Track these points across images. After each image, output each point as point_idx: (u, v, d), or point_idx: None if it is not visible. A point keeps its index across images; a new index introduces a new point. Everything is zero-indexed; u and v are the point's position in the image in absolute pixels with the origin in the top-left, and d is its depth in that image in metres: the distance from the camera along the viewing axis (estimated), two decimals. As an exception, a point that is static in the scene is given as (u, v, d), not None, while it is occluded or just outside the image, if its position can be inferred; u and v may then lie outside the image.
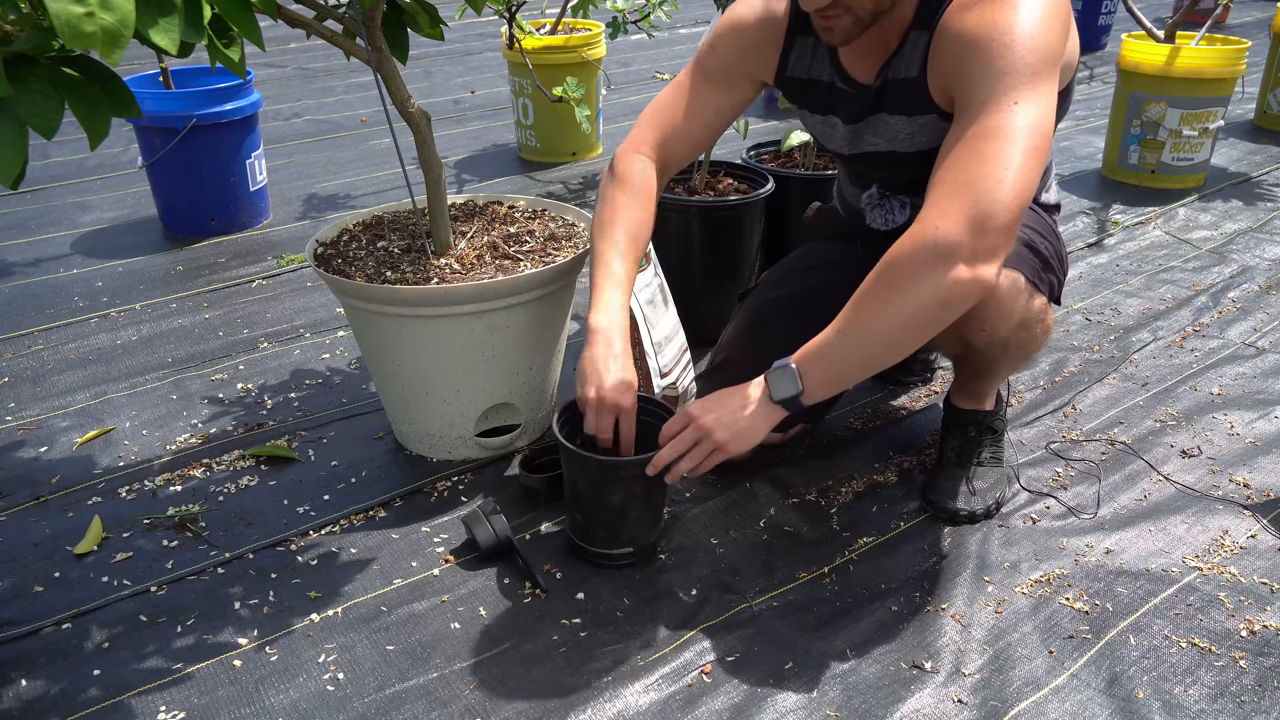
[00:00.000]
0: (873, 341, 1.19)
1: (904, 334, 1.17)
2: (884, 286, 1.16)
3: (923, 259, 1.12)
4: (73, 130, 3.66)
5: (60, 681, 1.25)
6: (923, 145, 1.38)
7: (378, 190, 3.13)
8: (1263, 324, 2.20)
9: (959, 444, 1.60)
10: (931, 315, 1.14)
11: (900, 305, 1.14)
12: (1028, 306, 1.37)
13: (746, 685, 1.25)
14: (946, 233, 1.10)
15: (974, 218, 1.10)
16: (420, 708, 1.21)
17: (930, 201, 1.14)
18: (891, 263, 1.15)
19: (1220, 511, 1.58)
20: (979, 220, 1.10)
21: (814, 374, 1.22)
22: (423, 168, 1.58)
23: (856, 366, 1.22)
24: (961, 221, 1.10)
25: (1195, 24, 4.15)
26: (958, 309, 1.14)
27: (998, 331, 1.37)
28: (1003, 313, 1.35)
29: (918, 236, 1.13)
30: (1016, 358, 1.45)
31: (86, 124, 1.10)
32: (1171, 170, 3.08)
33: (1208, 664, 1.28)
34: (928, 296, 1.12)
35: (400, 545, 1.50)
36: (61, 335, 2.16)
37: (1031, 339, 1.42)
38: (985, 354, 1.44)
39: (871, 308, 1.17)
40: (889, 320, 1.16)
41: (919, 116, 1.35)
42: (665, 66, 4.87)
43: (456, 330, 1.53)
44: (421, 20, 1.54)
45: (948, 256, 1.10)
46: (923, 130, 1.37)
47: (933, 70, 1.29)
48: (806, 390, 1.22)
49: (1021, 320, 1.37)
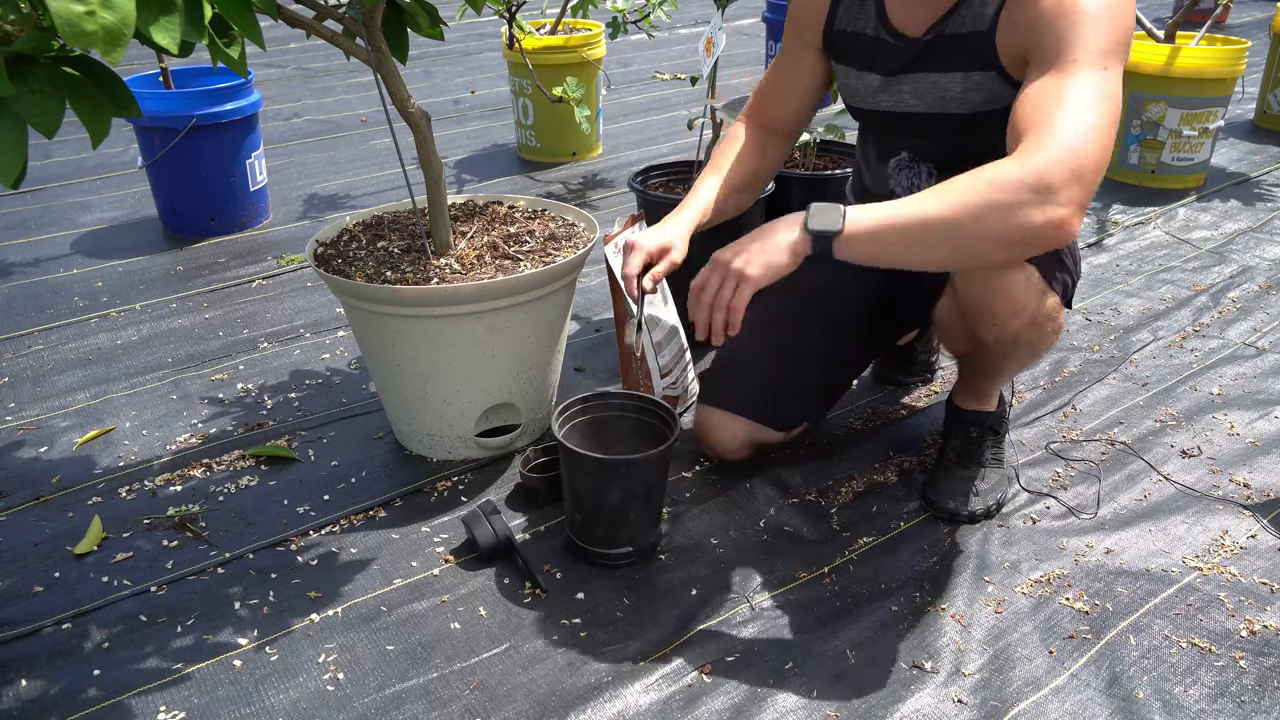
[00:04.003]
0: (935, 233, 1.15)
1: (969, 247, 1.16)
2: (976, 195, 1.13)
3: (1027, 188, 1.11)
4: (73, 130, 3.66)
5: (60, 681, 1.25)
6: (975, 105, 1.38)
7: (378, 190, 3.13)
8: (1263, 324, 2.20)
9: (960, 444, 1.60)
10: (1009, 243, 1.14)
11: (985, 219, 1.13)
12: (1040, 304, 1.36)
13: (746, 685, 1.25)
14: (1055, 174, 1.11)
15: (1076, 169, 1.11)
16: (420, 708, 1.21)
17: (1030, 141, 1.14)
18: (993, 176, 1.13)
19: (1220, 511, 1.58)
20: (1078, 171, 1.11)
21: (860, 226, 1.18)
22: (423, 168, 1.58)
23: (904, 245, 1.18)
24: (1064, 169, 1.11)
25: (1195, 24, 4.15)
26: (1033, 249, 1.15)
27: (1009, 327, 1.36)
28: (1015, 308, 1.34)
29: (1026, 165, 1.12)
30: (1025, 356, 1.45)
31: (87, 124, 1.10)
32: (1171, 170, 3.09)
33: (1208, 664, 1.28)
34: (1017, 224, 1.12)
35: (400, 545, 1.50)
36: (61, 335, 2.16)
37: (1041, 338, 1.41)
38: (994, 350, 1.43)
39: (955, 201, 1.14)
40: (966, 224, 1.14)
41: (976, 73, 1.35)
42: (665, 66, 4.87)
43: (456, 330, 1.53)
44: (421, 20, 1.54)
45: (1051, 195, 1.11)
46: (978, 88, 1.36)
47: (1005, 26, 1.29)
48: (844, 235, 1.18)
49: (1034, 318, 1.36)
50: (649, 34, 3.04)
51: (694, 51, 5.23)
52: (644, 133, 3.76)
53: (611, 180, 3.22)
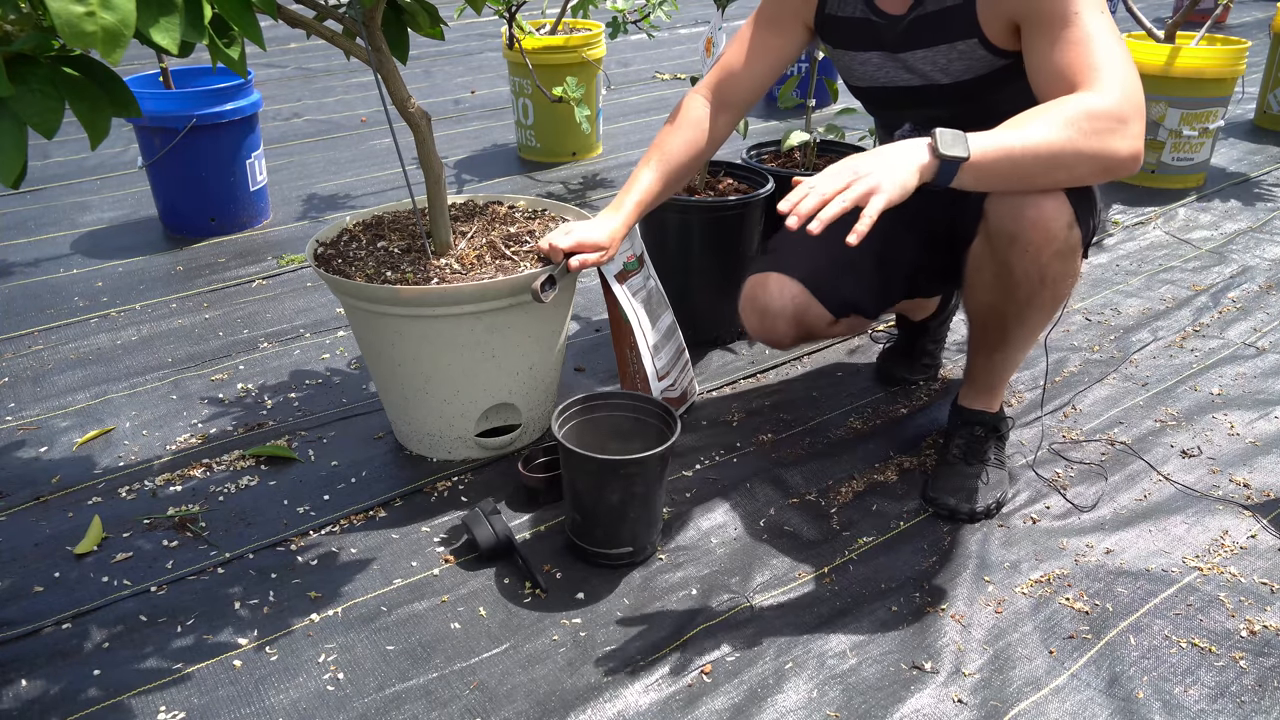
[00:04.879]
0: (1044, 162, 1.26)
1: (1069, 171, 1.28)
2: (1073, 120, 1.24)
3: (1116, 118, 1.25)
4: (73, 130, 3.66)
5: (60, 681, 1.25)
6: (960, 74, 1.46)
7: (378, 190, 3.13)
8: (1263, 324, 2.20)
9: (964, 443, 1.60)
10: (1099, 170, 1.27)
11: (1085, 149, 1.25)
12: (1069, 237, 1.38)
13: (746, 685, 1.25)
14: (1126, 108, 1.25)
15: (1137, 104, 1.26)
16: (420, 708, 1.21)
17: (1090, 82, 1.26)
18: (1083, 106, 1.25)
19: (1220, 511, 1.58)
20: (1139, 106, 1.26)
21: (984, 154, 1.25)
22: (423, 168, 1.58)
23: (1013, 171, 1.28)
24: (1130, 105, 1.25)
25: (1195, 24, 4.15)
26: (1114, 174, 1.29)
27: (1041, 255, 1.38)
28: (1049, 235, 1.36)
29: (1105, 99, 1.25)
30: (1047, 302, 1.44)
31: (87, 124, 1.10)
32: (1171, 170, 3.08)
33: (1208, 664, 1.28)
34: (1108, 153, 1.25)
35: (400, 545, 1.50)
36: (61, 335, 2.16)
37: (1065, 274, 1.41)
38: (1019, 293, 1.43)
39: (1057, 130, 1.25)
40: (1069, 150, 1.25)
41: (959, 42, 1.43)
42: (665, 66, 4.87)
43: (457, 330, 1.53)
44: (421, 20, 1.54)
45: (1129, 124, 1.25)
46: (961, 57, 1.44)
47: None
48: (971, 161, 1.25)
49: (1060, 250, 1.38)
50: (649, 34, 3.04)
51: (694, 51, 5.23)
52: (644, 133, 3.75)
53: (611, 180, 3.22)
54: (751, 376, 1.99)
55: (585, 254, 1.51)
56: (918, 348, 1.96)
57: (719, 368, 2.02)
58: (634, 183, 1.58)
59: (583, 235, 1.52)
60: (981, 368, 1.58)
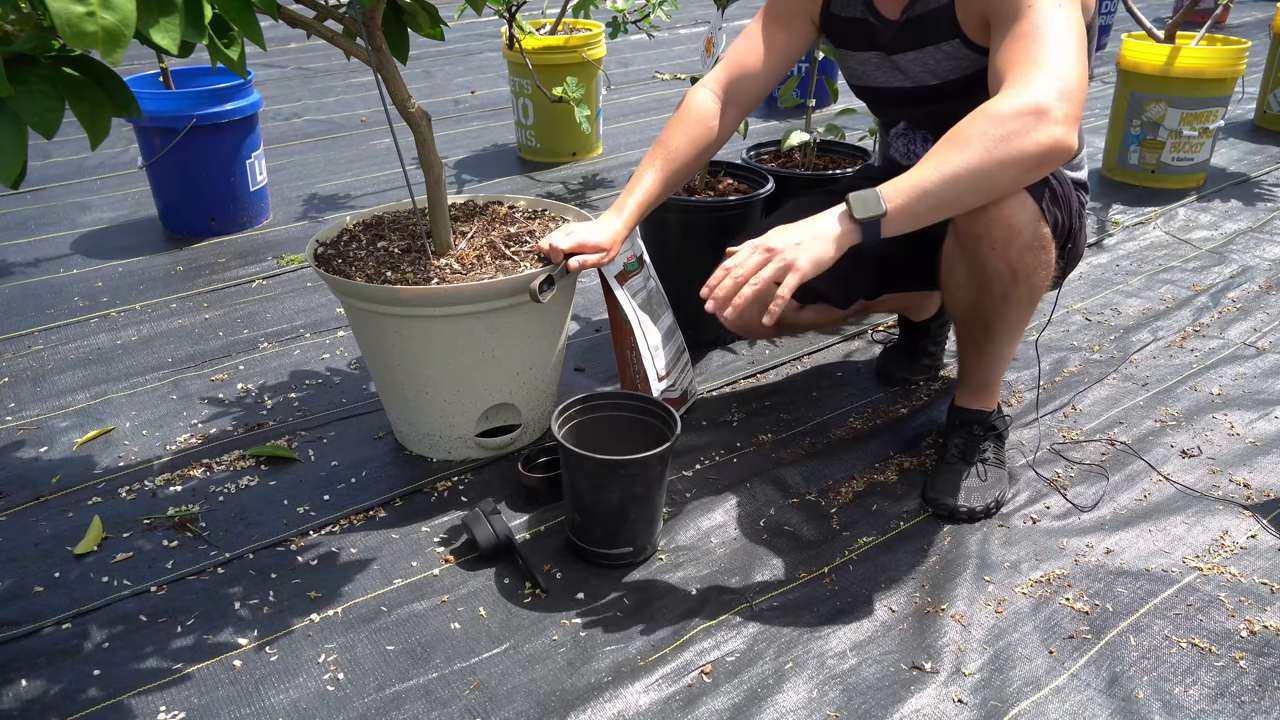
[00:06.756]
0: (963, 184, 1.24)
1: (992, 184, 1.25)
2: (981, 134, 1.22)
3: (1024, 115, 1.21)
4: (73, 130, 3.66)
5: (60, 681, 1.25)
6: (947, 74, 1.50)
7: (378, 190, 3.13)
8: (1263, 324, 2.20)
9: (962, 442, 1.60)
10: (1023, 169, 1.23)
11: (997, 156, 1.22)
12: (1036, 230, 1.39)
13: (746, 685, 1.25)
14: (1042, 97, 1.21)
15: (1061, 89, 1.21)
16: (420, 708, 1.21)
17: (1013, 77, 1.24)
18: (990, 115, 1.22)
19: (1220, 512, 1.58)
20: (1064, 91, 1.21)
21: (898, 201, 1.24)
22: (423, 168, 1.58)
23: (940, 204, 1.25)
24: (1051, 91, 1.21)
25: (1195, 24, 4.15)
26: (1046, 167, 1.24)
27: (1009, 250, 1.39)
28: (1013, 230, 1.37)
29: (1016, 98, 1.21)
30: (1024, 296, 1.44)
31: (87, 124, 1.10)
32: (1171, 170, 3.08)
33: (1208, 664, 1.28)
34: (1022, 151, 1.21)
35: (400, 545, 1.50)
36: (61, 335, 2.16)
37: (1037, 266, 1.42)
38: (994, 290, 1.44)
39: (967, 150, 1.23)
40: (983, 166, 1.22)
41: (945, 44, 1.46)
42: (665, 66, 4.87)
43: (457, 330, 1.53)
44: (421, 20, 1.54)
45: (1044, 116, 1.20)
46: (948, 57, 1.48)
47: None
48: (889, 215, 1.24)
49: (1027, 244, 1.39)
50: (649, 34, 3.04)
51: (694, 51, 5.23)
52: (644, 133, 3.75)
53: (611, 180, 3.22)
54: (751, 376, 1.99)
55: (585, 255, 1.52)
56: (918, 348, 1.96)
57: (719, 368, 2.02)
58: (636, 184, 1.59)
59: (583, 236, 1.53)
60: (972, 366, 1.59)
